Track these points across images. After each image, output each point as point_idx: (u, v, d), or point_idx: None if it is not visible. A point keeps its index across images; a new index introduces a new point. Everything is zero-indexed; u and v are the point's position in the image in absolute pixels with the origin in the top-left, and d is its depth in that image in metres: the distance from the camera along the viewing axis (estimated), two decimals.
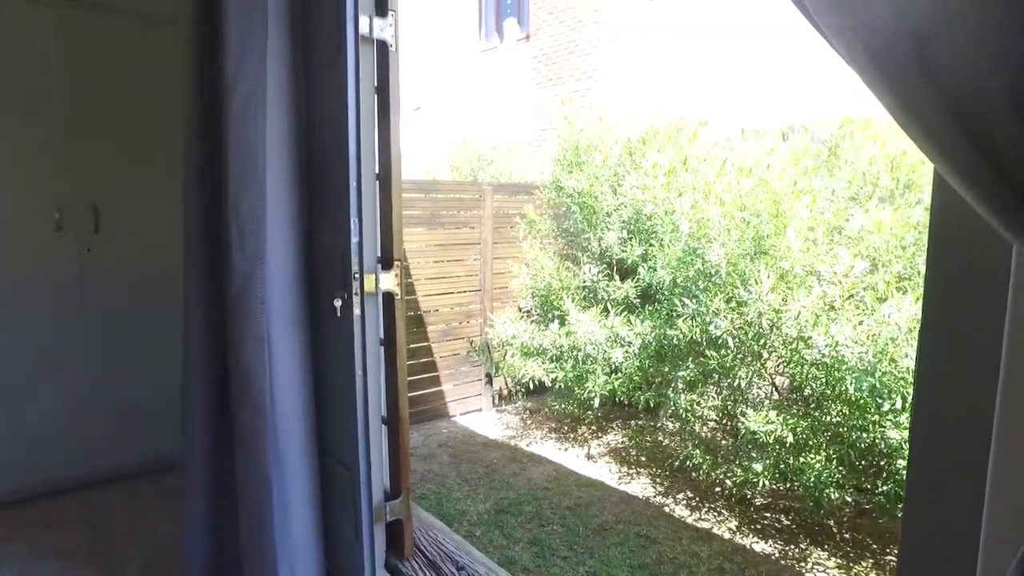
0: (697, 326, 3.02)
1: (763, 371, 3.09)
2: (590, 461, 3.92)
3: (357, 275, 1.85)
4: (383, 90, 1.94)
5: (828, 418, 2.76)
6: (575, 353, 3.85)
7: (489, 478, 3.64)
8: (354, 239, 1.83)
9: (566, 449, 4.11)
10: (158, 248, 2.84)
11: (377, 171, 1.99)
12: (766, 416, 2.79)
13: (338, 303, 1.85)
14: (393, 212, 2.03)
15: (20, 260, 2.64)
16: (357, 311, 1.85)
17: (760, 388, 3.27)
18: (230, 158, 1.78)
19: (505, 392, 5.03)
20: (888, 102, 0.43)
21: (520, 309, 4.83)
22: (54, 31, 2.61)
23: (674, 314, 3.25)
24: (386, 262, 2.04)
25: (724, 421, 3.50)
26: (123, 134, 2.80)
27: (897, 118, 0.44)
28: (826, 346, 2.56)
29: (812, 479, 2.70)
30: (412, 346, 4.52)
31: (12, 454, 2.67)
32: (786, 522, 3.17)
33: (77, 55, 2.67)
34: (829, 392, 2.70)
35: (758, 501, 3.37)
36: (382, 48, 1.90)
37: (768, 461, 2.92)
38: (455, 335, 4.75)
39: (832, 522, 3.11)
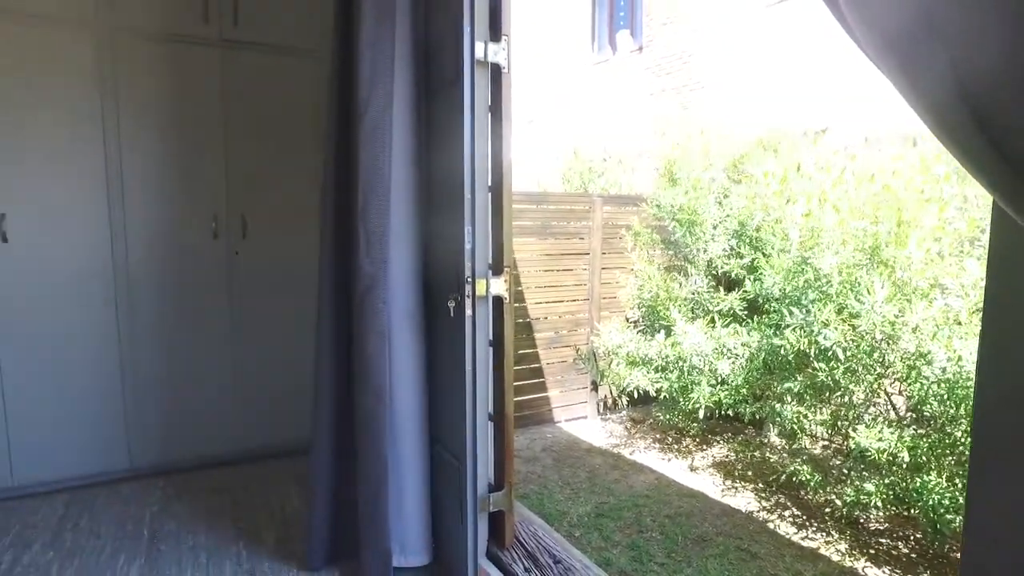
0: (805, 337, 2.95)
1: (877, 386, 2.95)
2: (693, 472, 3.89)
3: (469, 279, 2.01)
4: (496, 109, 2.10)
5: (950, 439, 2.61)
6: (680, 363, 3.85)
7: (591, 483, 3.72)
8: (467, 246, 1.99)
9: (669, 460, 4.10)
10: (296, 252, 3.19)
11: (490, 184, 2.15)
12: (879, 433, 2.67)
13: (451, 304, 2.02)
14: (504, 222, 2.19)
15: (185, 262, 3.06)
16: (469, 312, 2.01)
17: (874, 404, 3.12)
18: (361, 173, 2.00)
19: (610, 401, 5.07)
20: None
21: (627, 319, 4.86)
22: (219, 67, 3.02)
23: (781, 325, 3.19)
24: (496, 268, 2.19)
25: (834, 437, 3.36)
26: (268, 152, 3.16)
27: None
28: (948, 360, 2.43)
29: (931, 502, 2.56)
30: (521, 352, 4.67)
31: (179, 431, 3.09)
32: (904, 549, 3.00)
33: (235, 86, 3.06)
34: (952, 411, 2.55)
35: (872, 525, 3.21)
36: (495, 71, 2.06)
37: (881, 481, 2.79)
38: (562, 343, 4.86)
39: (958, 553, 2.91)
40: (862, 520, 3.20)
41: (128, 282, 2.96)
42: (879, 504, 2.79)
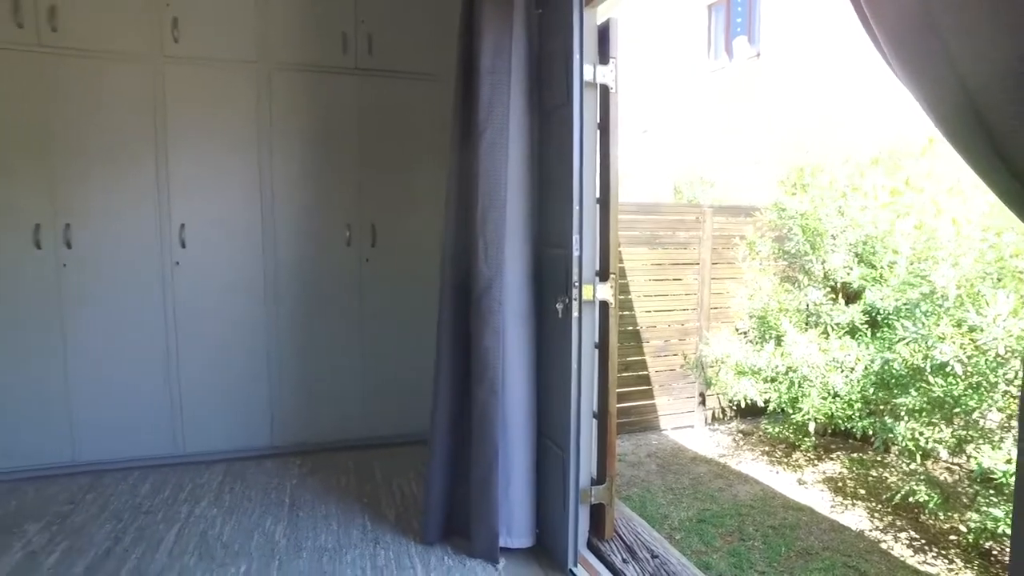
0: (919, 351, 2.84)
1: (1004, 403, 2.79)
2: (801, 486, 3.81)
3: (576, 283, 2.17)
4: (604, 127, 2.26)
5: None
6: (790, 375, 3.79)
7: (694, 489, 3.74)
8: (575, 253, 2.16)
9: (777, 473, 4.03)
10: (419, 258, 3.50)
11: (598, 196, 2.31)
12: (1006, 453, 2.54)
13: (559, 306, 2.20)
14: (611, 231, 2.34)
15: (322, 266, 3.44)
16: (575, 314, 2.18)
17: (1002, 422, 2.94)
18: (480, 186, 2.22)
19: (718, 412, 5.03)
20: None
21: (737, 329, 4.82)
22: (355, 92, 3.39)
23: (894, 338, 3.08)
24: (603, 274, 2.34)
25: (956, 456, 3.19)
26: (396, 167, 3.49)
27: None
28: None
29: None
30: (629, 359, 4.76)
31: (314, 416, 3.47)
32: None
33: (367, 108, 3.42)
34: None
35: (1007, 558, 3.01)
36: (604, 91, 2.22)
37: (1011, 507, 2.63)
38: (670, 351, 4.90)
39: None
40: (995, 552, 3.01)
41: (275, 283, 3.38)
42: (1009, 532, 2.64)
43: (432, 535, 2.44)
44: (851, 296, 3.98)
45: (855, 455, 4.06)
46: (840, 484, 3.81)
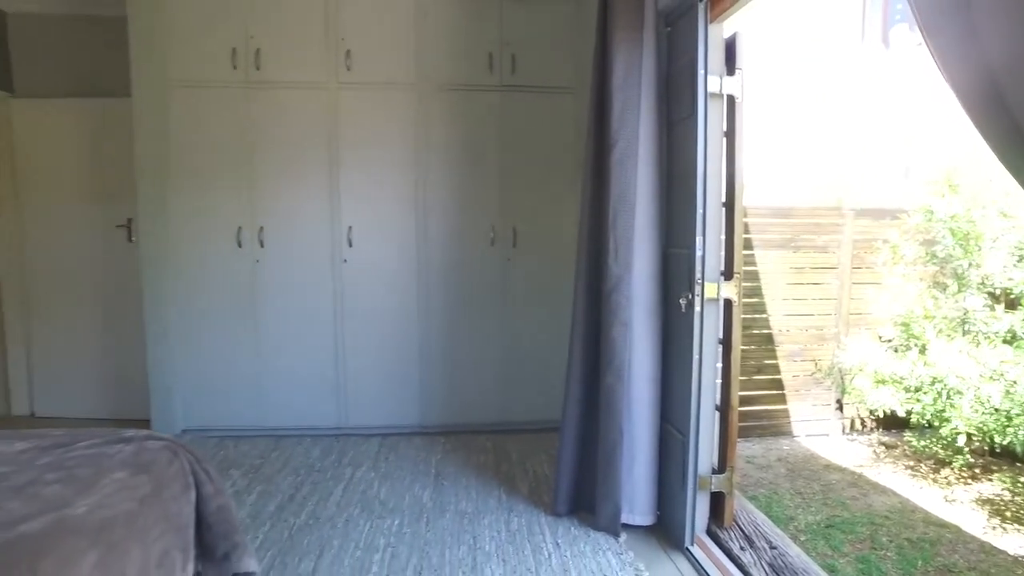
0: None
1: None
2: (948, 503, 3.62)
3: (699, 281, 2.33)
4: (730, 134, 2.40)
5: None
6: (936, 385, 3.62)
7: (824, 495, 3.69)
8: (698, 253, 2.32)
9: (920, 488, 3.85)
10: (556, 258, 3.77)
11: (723, 199, 2.45)
12: None
13: (683, 302, 2.36)
14: (736, 233, 2.47)
15: (468, 264, 3.82)
16: (697, 309, 2.33)
17: None
18: (611, 191, 2.44)
19: (857, 421, 4.83)
20: None
21: (880, 337, 4.62)
22: (498, 107, 3.74)
23: None
24: (728, 274, 2.48)
25: None
26: (535, 174, 3.79)
27: None
28: None
29: None
30: (762, 362, 4.72)
31: (457, 400, 3.86)
32: None
33: (509, 121, 3.75)
34: None
35: None
36: (730, 101, 2.36)
37: None
38: (805, 356, 4.79)
39: None
40: None
41: (426, 279, 3.80)
42: None
43: (561, 507, 2.69)
44: (1011, 302, 3.72)
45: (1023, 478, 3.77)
46: (998, 506, 3.58)
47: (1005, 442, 3.35)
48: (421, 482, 3.13)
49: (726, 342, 2.55)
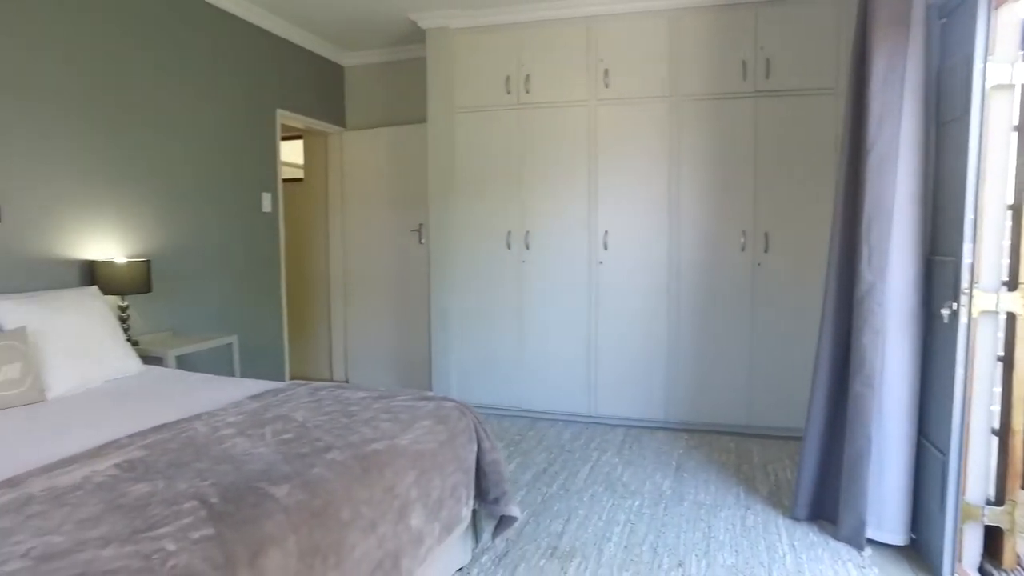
0: None
1: None
2: None
3: (966, 291, 2.17)
4: (1022, 128, 2.19)
5: None
6: None
7: None
8: (966, 260, 2.16)
9: None
10: (807, 264, 3.68)
11: (1010, 202, 2.24)
12: None
13: (945, 312, 2.22)
14: (1023, 238, 2.24)
15: (718, 268, 3.90)
16: (963, 321, 2.18)
17: None
18: (866, 197, 2.38)
19: None
20: None
21: None
22: (752, 113, 3.77)
23: None
24: (1012, 284, 2.26)
25: None
26: (789, 179, 3.73)
27: None
28: None
29: None
30: None
31: (702, 399, 3.98)
32: None
33: (763, 126, 3.75)
34: None
35: None
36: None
37: None
38: None
39: None
40: None
41: (676, 281, 3.97)
42: None
43: (800, 512, 2.68)
44: None
45: None
46: None
47: None
48: (662, 472, 3.33)
49: (1007, 360, 2.31)
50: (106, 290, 3.05)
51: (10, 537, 1.22)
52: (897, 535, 2.44)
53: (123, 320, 3.16)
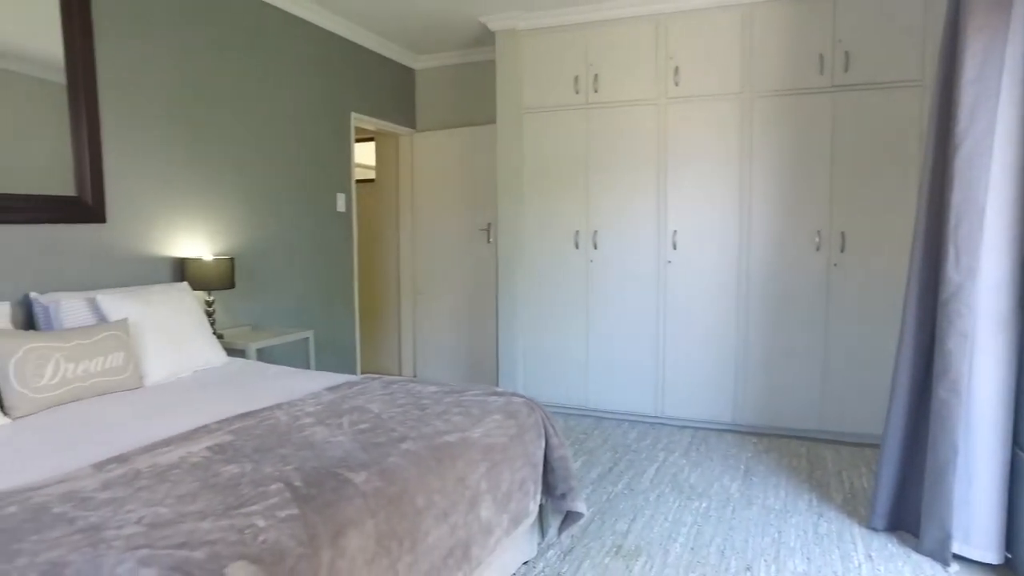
0: None
1: None
2: None
3: None
4: None
5: None
6: None
7: None
8: None
9: None
10: (887, 265, 3.53)
11: None
12: None
13: None
14: None
15: (791, 268, 3.78)
16: None
17: None
18: (954, 195, 2.27)
19: None
20: None
21: None
22: (829, 108, 3.64)
23: None
24: None
25: None
26: (869, 176, 3.57)
27: None
28: None
29: None
30: None
31: (773, 403, 3.87)
32: None
33: (841, 121, 3.61)
34: None
35: None
36: None
37: None
38: None
39: None
40: None
41: (747, 282, 3.88)
42: None
43: (878, 522, 2.58)
44: None
45: None
46: None
47: None
48: (730, 474, 3.27)
49: None
50: (195, 286, 3.25)
51: (124, 506, 1.35)
52: (989, 552, 2.31)
53: (209, 314, 3.35)
